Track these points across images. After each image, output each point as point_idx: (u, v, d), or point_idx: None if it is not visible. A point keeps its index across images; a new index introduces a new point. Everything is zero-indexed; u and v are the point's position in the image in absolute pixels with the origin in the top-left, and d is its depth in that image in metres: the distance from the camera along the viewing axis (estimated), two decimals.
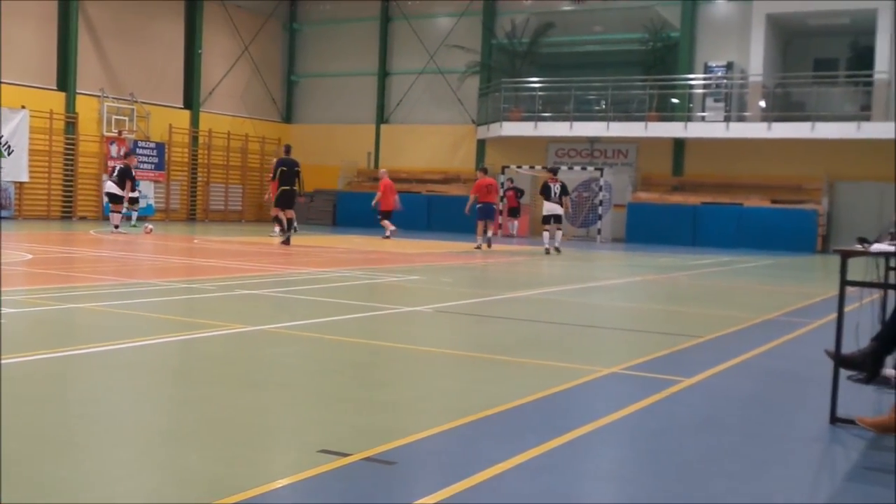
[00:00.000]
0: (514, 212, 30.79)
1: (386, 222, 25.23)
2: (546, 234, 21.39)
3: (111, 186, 23.01)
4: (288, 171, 20.34)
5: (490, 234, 22.57)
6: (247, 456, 4.03)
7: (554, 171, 22.61)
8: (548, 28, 32.48)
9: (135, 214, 27.37)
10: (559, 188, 21.58)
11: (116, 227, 22.27)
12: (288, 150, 21.36)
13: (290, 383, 5.75)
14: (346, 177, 36.34)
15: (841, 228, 28.11)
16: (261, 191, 36.21)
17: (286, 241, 20.10)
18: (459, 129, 35.00)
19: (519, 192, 30.91)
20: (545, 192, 21.57)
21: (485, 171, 23.54)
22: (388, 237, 24.66)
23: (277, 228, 25.04)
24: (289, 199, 20.45)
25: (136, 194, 27.31)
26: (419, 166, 35.47)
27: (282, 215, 20.82)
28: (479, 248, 21.86)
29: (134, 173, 23.81)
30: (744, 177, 29.81)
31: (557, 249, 21.27)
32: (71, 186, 29.76)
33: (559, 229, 21.73)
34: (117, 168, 23.30)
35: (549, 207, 21.53)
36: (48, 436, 4.21)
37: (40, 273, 12.08)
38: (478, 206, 22.43)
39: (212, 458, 3.98)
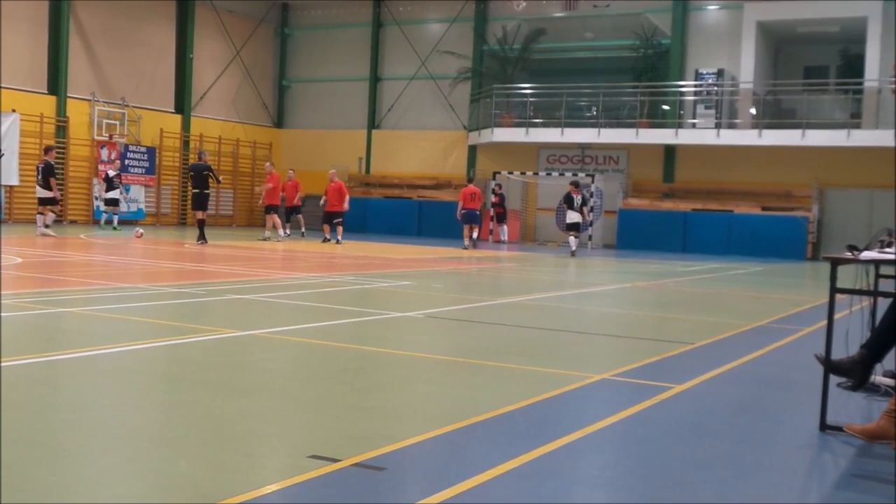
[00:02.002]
0: (501, 217, 30.72)
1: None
2: (572, 240, 24.00)
3: (39, 191, 22.62)
4: (196, 175, 21.73)
5: (475, 235, 25.03)
6: (236, 461, 4.01)
7: (576, 185, 24.51)
8: (539, 34, 32.55)
9: (115, 218, 27.26)
10: (581, 199, 24.16)
11: (47, 226, 22.03)
12: (200, 156, 23.31)
13: (279, 388, 5.73)
14: None
15: (831, 236, 28.20)
16: (251, 196, 36.19)
17: (202, 240, 21.08)
18: (451, 134, 35.02)
19: (502, 198, 30.78)
20: (569, 202, 23.82)
21: (470, 179, 26.35)
22: (332, 241, 24.45)
23: (268, 233, 25.07)
24: (201, 201, 21.81)
25: (115, 195, 27.30)
26: (410, 172, 35.48)
27: (200, 215, 21.92)
28: (466, 248, 24.44)
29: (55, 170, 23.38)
30: (734, 184, 29.87)
31: (573, 254, 23.65)
32: (61, 190, 29.63)
33: (577, 236, 24.25)
34: (39, 168, 22.76)
35: (572, 216, 23.88)
36: (36, 440, 4.18)
37: (29, 277, 12.04)
38: (462, 211, 25.11)
39: (200, 463, 3.97)
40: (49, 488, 3.52)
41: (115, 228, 26.74)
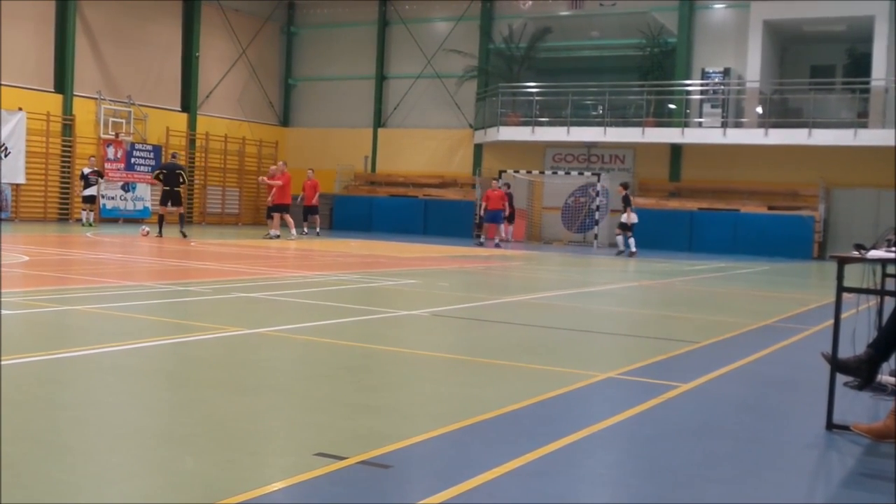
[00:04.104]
0: (510, 217, 30.58)
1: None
2: (621, 239, 24.88)
3: None
4: (168, 174, 23.15)
5: (483, 238, 26.64)
6: (242, 459, 4.02)
7: (625, 185, 25.48)
8: (545, 33, 32.53)
9: (86, 214, 27.26)
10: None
11: None
12: (174, 156, 25.66)
13: (285, 386, 5.73)
14: (344, 181, 36.38)
15: (837, 235, 28.16)
16: (257, 194, 36.24)
17: (183, 234, 22.76)
18: (457, 133, 35.01)
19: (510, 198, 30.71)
20: (627, 202, 24.69)
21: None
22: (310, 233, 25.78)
23: (273, 231, 25.06)
24: (174, 197, 23.10)
25: (91, 192, 27.39)
26: (416, 170, 35.48)
27: (162, 211, 23.22)
28: (495, 245, 26.27)
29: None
30: (740, 183, 29.83)
31: (632, 254, 24.12)
32: (68, 188, 29.73)
33: (629, 236, 24.61)
34: None
35: (632, 217, 24.61)
36: (43, 438, 4.19)
37: (36, 275, 12.06)
38: (488, 212, 27.01)
39: (207, 461, 3.97)
40: (55, 486, 3.53)
41: (90, 224, 26.90)
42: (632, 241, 24.44)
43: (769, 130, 28.14)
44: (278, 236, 24.70)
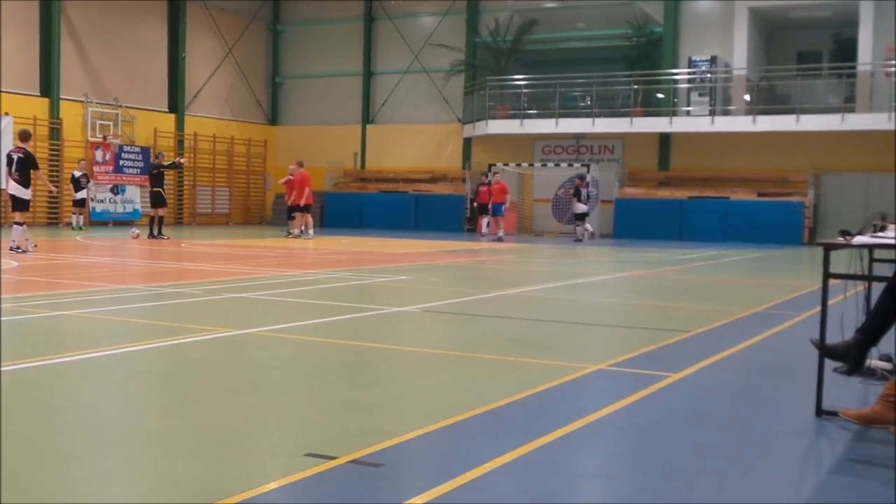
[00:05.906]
0: (484, 209, 29.57)
1: (309, 218, 25.62)
2: (579, 229, 27.01)
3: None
4: (150, 176, 24.06)
5: (486, 231, 27.24)
6: (234, 460, 4.02)
7: (583, 178, 27.23)
8: (532, 25, 32.52)
9: (77, 217, 27.22)
10: (586, 193, 27.13)
11: None
12: (157, 156, 25.13)
13: (276, 386, 5.74)
14: (333, 178, 36.34)
15: (827, 220, 28.23)
16: (247, 193, 36.22)
17: (160, 234, 22.75)
18: (445, 127, 35.00)
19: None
20: (577, 195, 26.84)
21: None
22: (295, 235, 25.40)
23: (296, 230, 25.15)
24: (154, 199, 23.39)
25: (82, 195, 27.36)
26: (405, 166, 35.47)
27: (152, 212, 23.39)
28: (496, 238, 26.44)
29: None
30: (730, 170, 29.89)
31: (592, 235, 27.13)
32: (57, 188, 29.59)
33: (583, 226, 27.00)
34: None
35: (580, 207, 26.78)
36: (35, 443, 4.19)
37: (26, 280, 12.03)
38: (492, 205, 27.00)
39: (199, 462, 3.98)
40: (48, 491, 3.53)
41: (80, 227, 26.87)
42: (580, 228, 26.88)
43: (757, 117, 28.19)
44: (299, 235, 24.85)
